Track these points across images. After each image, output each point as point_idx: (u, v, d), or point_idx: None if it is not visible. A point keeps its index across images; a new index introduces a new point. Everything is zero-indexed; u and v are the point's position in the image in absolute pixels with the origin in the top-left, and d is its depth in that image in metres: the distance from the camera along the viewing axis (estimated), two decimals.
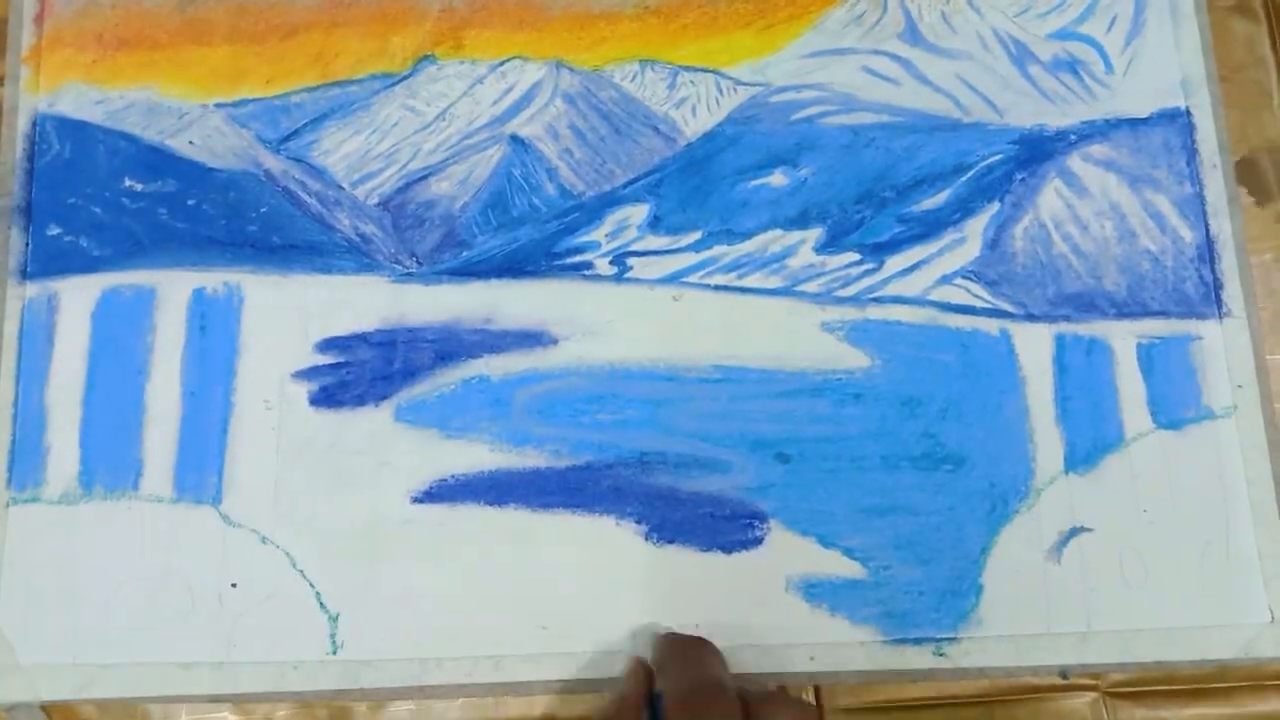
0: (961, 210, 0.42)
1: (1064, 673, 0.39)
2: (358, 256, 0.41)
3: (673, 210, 0.42)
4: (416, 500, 0.39)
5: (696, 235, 0.42)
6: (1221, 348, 0.41)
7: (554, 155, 0.43)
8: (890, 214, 0.42)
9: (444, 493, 0.39)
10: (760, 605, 0.38)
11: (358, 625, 0.38)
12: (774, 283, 0.41)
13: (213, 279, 0.41)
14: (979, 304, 0.41)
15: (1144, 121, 0.43)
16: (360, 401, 0.40)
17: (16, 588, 0.39)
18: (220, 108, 0.43)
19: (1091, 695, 0.39)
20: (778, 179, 0.42)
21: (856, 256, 0.41)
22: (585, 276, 0.41)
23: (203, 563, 0.39)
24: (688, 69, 0.43)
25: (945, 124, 0.43)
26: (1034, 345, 0.41)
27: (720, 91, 0.43)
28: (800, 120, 0.43)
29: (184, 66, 0.43)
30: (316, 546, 0.39)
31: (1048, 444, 0.40)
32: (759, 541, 0.39)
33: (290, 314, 0.41)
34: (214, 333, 0.41)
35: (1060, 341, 0.41)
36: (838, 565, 0.39)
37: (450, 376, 0.40)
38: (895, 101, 0.43)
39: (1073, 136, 0.42)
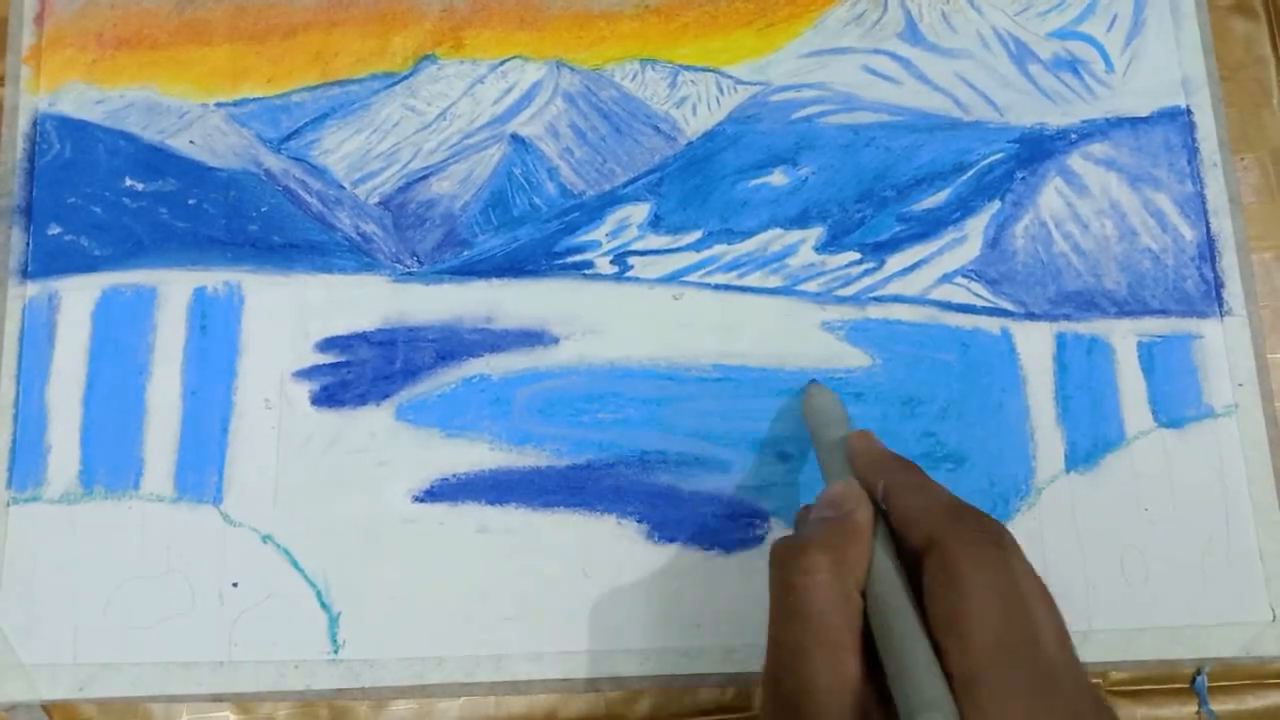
0: (962, 209, 0.42)
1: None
2: (358, 256, 0.41)
3: (673, 209, 0.42)
4: (417, 499, 0.39)
5: (697, 234, 0.42)
6: (1222, 346, 0.41)
7: (554, 154, 0.43)
8: (890, 213, 0.42)
9: (445, 492, 0.39)
10: (761, 604, 0.38)
11: (359, 624, 0.38)
12: (774, 282, 0.41)
13: (213, 278, 0.41)
14: (979, 303, 0.41)
15: (1144, 120, 0.43)
16: (361, 401, 0.40)
17: (16, 587, 0.39)
18: (220, 107, 0.43)
19: None
20: (778, 178, 0.42)
21: (857, 255, 0.41)
22: (586, 276, 0.41)
23: (203, 562, 0.39)
24: (688, 68, 0.43)
25: (945, 123, 0.43)
26: (1035, 344, 0.41)
27: (721, 90, 0.43)
28: (800, 119, 0.43)
29: (184, 66, 0.43)
30: (317, 545, 0.39)
31: (1048, 443, 0.40)
32: (760, 540, 0.39)
33: (291, 313, 0.41)
34: (214, 332, 0.41)
35: (1061, 340, 0.41)
36: None
37: (451, 376, 0.40)
38: (895, 100, 0.43)
39: (1073, 135, 0.42)
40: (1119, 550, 0.39)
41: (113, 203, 0.42)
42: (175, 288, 0.41)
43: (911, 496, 0.30)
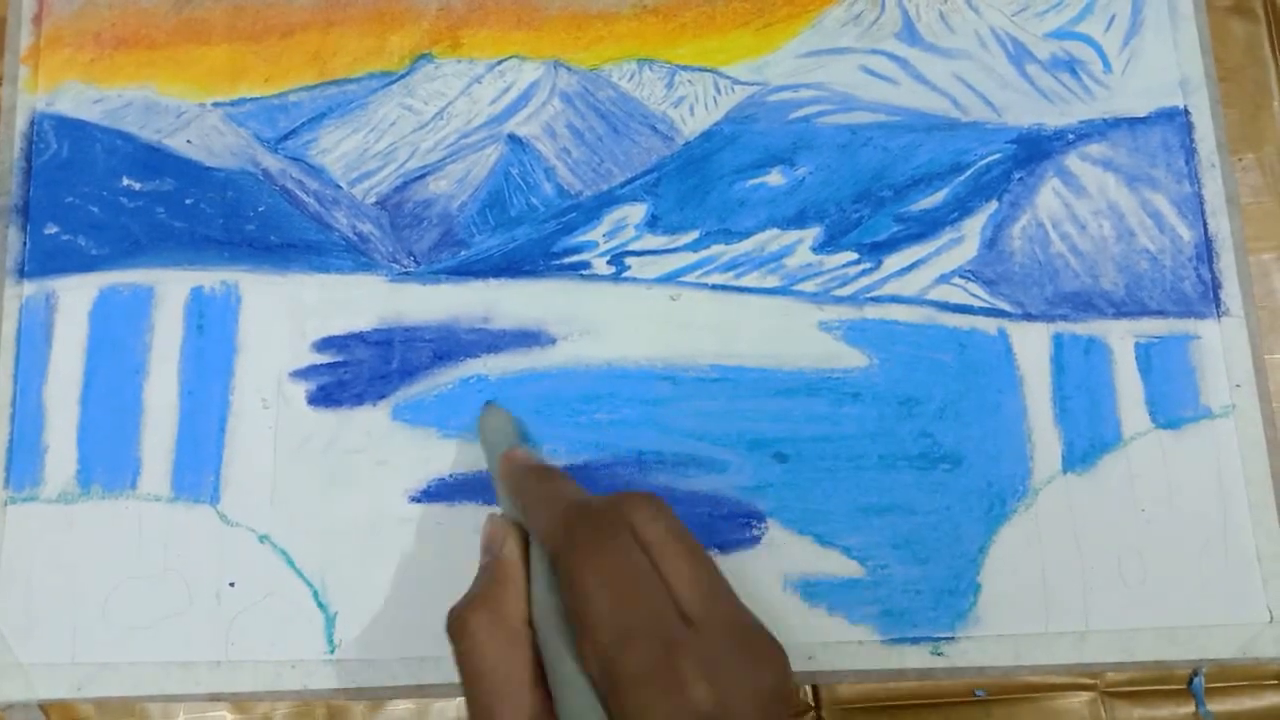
0: (959, 209, 0.42)
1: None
2: (355, 255, 0.41)
3: (670, 209, 0.42)
4: (414, 499, 0.39)
5: (694, 234, 0.42)
6: (1220, 347, 0.40)
7: (552, 155, 0.43)
8: (888, 213, 0.42)
9: (442, 491, 0.39)
10: (758, 604, 0.38)
11: (356, 624, 0.38)
12: (771, 282, 0.41)
13: (210, 278, 0.41)
14: (977, 303, 0.41)
15: (1142, 121, 0.43)
16: (358, 400, 0.40)
17: (15, 587, 0.39)
18: (218, 107, 0.43)
19: (1089, 695, 0.39)
20: (775, 178, 0.42)
21: (854, 256, 0.41)
22: (583, 276, 0.41)
23: (201, 562, 0.39)
24: (685, 68, 0.43)
25: (943, 123, 0.43)
26: (1032, 344, 0.40)
27: (718, 91, 0.43)
28: (798, 119, 0.43)
29: (181, 66, 0.43)
30: (314, 545, 0.39)
31: (1046, 443, 0.40)
32: (756, 541, 0.39)
33: (288, 313, 0.41)
34: (212, 332, 0.41)
35: (1058, 341, 0.41)
36: (835, 564, 0.39)
37: (448, 376, 0.40)
38: (893, 101, 0.43)
39: (1071, 136, 0.42)
40: (1116, 551, 0.39)
41: (110, 202, 0.42)
42: (172, 287, 0.41)
43: (537, 512, 0.31)
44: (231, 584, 0.39)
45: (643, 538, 0.28)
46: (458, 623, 0.30)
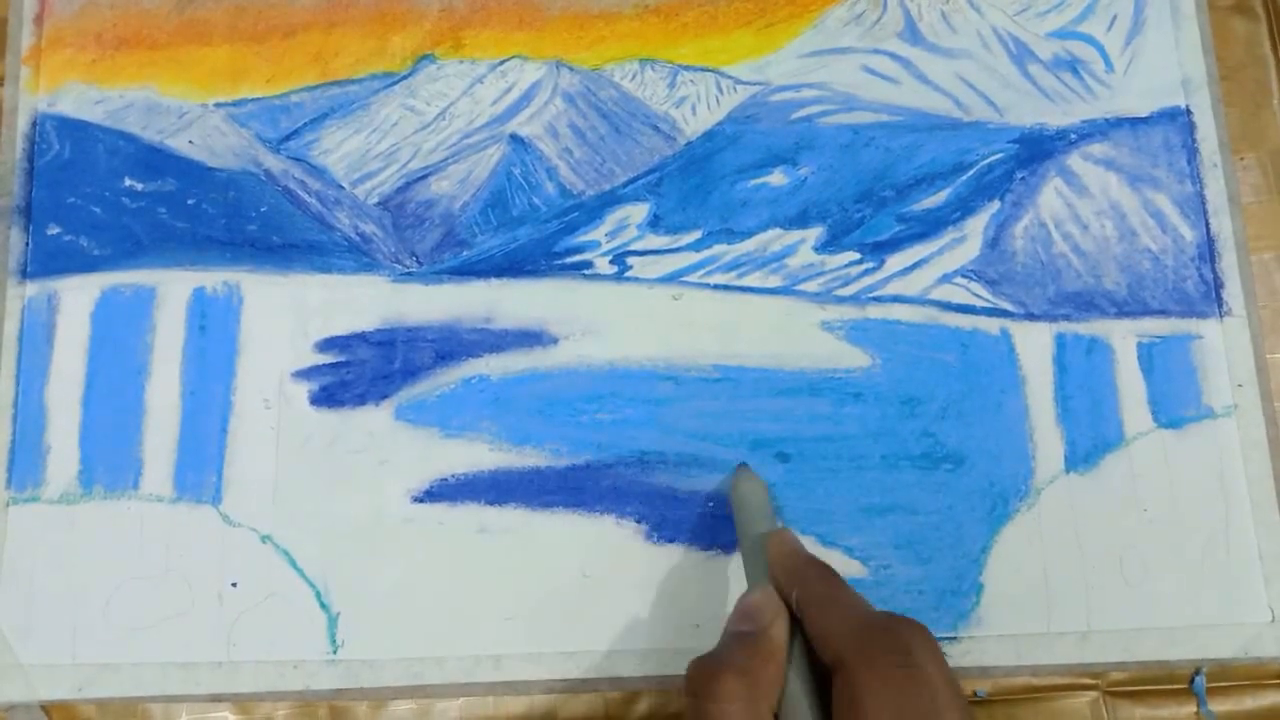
0: (961, 209, 0.42)
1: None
2: (358, 256, 0.41)
3: (672, 209, 0.42)
4: (417, 499, 0.39)
5: (696, 234, 0.42)
6: (1222, 347, 0.40)
7: (554, 154, 0.43)
8: (890, 213, 0.42)
9: (444, 492, 0.39)
10: None
11: (358, 624, 0.38)
12: (774, 282, 0.41)
13: (212, 278, 0.41)
14: (979, 303, 0.41)
15: (1144, 120, 0.43)
16: (360, 401, 0.40)
17: (16, 587, 0.39)
18: (220, 107, 0.43)
19: (1091, 694, 0.39)
20: (777, 178, 0.42)
21: (856, 255, 0.41)
22: (585, 276, 0.41)
23: (202, 562, 0.39)
24: (687, 68, 0.43)
25: (945, 123, 0.43)
26: (1034, 344, 0.41)
27: (720, 90, 0.43)
28: (800, 119, 0.43)
29: (183, 66, 0.43)
30: (316, 546, 0.39)
31: (1048, 443, 0.40)
32: None
33: (290, 313, 0.41)
34: (214, 332, 0.41)
35: (1060, 340, 0.41)
36: (838, 564, 0.38)
37: (450, 376, 0.40)
38: (895, 100, 0.43)
39: (1073, 135, 0.42)
40: (1118, 551, 0.39)
41: (112, 203, 0.42)
42: (174, 288, 0.41)
43: (824, 611, 0.30)
44: (233, 584, 0.39)
45: (925, 674, 0.28)
46: (710, 680, 0.29)
